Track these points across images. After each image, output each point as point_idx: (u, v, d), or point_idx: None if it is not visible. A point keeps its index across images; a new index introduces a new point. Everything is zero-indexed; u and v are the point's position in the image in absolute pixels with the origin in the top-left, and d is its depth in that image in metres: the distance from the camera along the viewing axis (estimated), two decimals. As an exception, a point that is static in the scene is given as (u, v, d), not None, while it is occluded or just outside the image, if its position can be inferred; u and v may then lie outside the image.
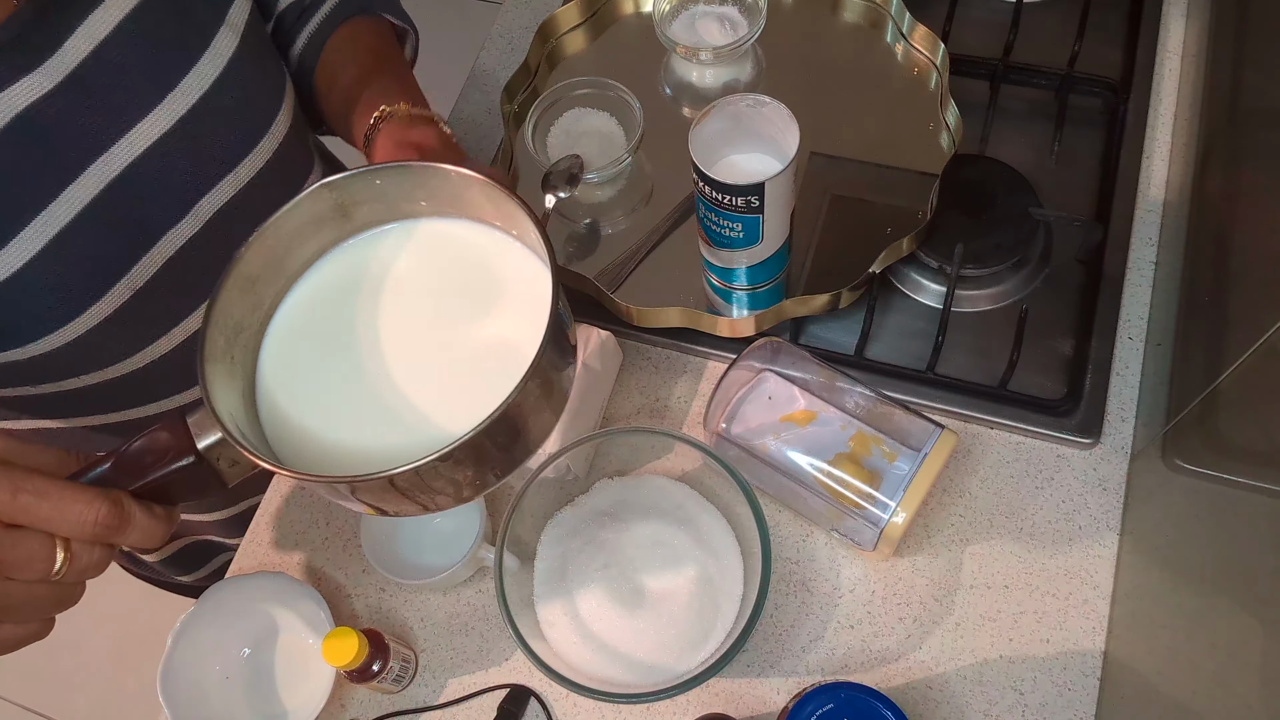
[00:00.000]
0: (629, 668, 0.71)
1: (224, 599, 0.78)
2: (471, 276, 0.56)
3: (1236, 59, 0.81)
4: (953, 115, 0.86)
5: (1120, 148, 0.87)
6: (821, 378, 0.75)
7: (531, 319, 0.51)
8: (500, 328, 0.54)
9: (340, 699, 0.78)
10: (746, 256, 0.79)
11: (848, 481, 0.71)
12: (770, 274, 0.82)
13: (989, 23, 0.95)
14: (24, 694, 1.83)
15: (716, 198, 0.73)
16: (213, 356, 0.51)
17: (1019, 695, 0.72)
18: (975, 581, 0.75)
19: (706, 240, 0.79)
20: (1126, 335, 0.82)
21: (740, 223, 0.75)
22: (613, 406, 0.85)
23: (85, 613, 1.97)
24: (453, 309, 0.56)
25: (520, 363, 0.48)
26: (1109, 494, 0.77)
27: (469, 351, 0.54)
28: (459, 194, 0.56)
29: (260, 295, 0.55)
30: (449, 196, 0.56)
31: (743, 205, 0.73)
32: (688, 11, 0.95)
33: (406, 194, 0.56)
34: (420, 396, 0.53)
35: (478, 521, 0.77)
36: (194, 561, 1.03)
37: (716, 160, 0.77)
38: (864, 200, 0.87)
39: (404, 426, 0.52)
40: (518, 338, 0.52)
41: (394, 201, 0.57)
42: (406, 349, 0.55)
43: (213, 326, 0.51)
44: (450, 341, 0.55)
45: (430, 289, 0.57)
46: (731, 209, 0.73)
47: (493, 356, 0.53)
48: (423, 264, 0.57)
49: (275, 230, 0.54)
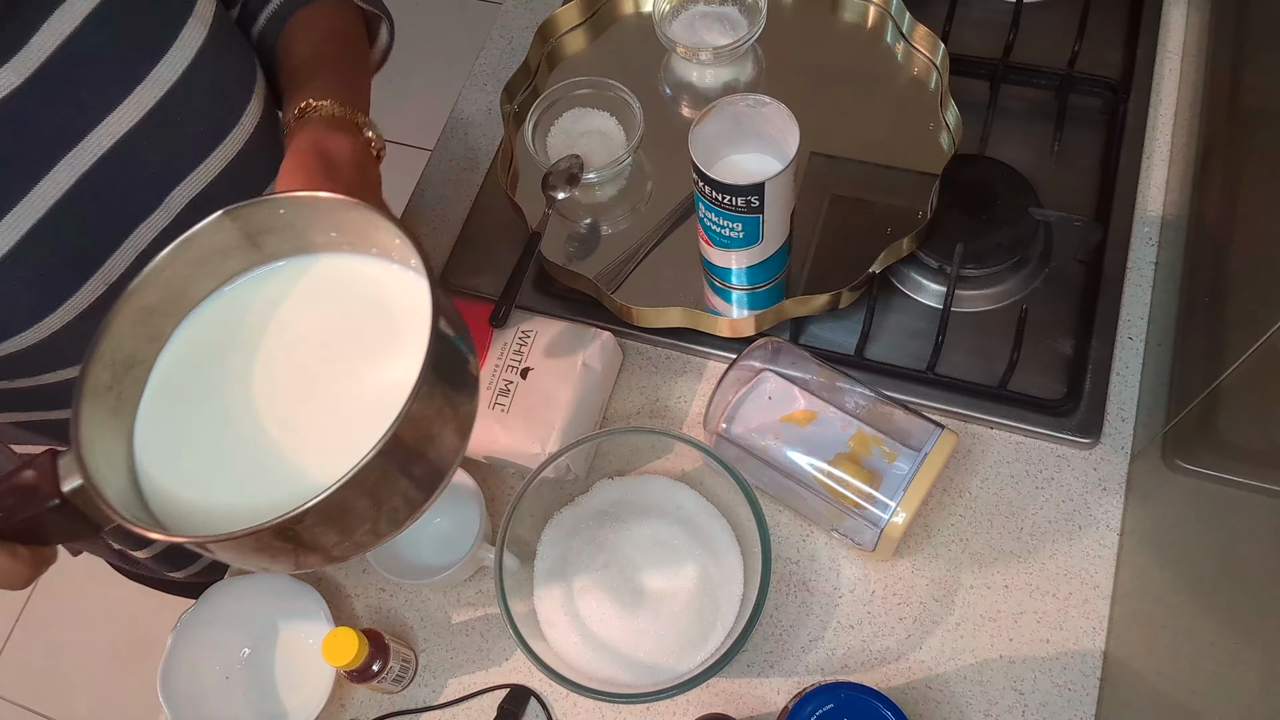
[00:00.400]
0: (629, 668, 0.71)
1: (224, 599, 0.78)
2: (366, 316, 0.52)
3: (1236, 59, 0.81)
4: (953, 115, 0.86)
5: (1120, 148, 0.87)
6: (821, 378, 0.75)
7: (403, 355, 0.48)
8: (393, 371, 0.50)
9: (340, 699, 0.78)
10: (747, 256, 0.79)
11: (848, 481, 0.71)
12: (770, 274, 0.82)
13: (989, 23, 0.95)
14: (24, 694, 1.83)
15: (716, 198, 0.73)
16: (93, 392, 0.48)
17: (1019, 695, 0.72)
18: (975, 581, 0.75)
19: (707, 240, 0.80)
20: (1126, 335, 0.82)
21: (740, 223, 0.75)
22: (613, 406, 0.85)
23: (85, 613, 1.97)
24: (342, 351, 0.52)
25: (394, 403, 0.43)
26: (1109, 494, 0.77)
27: (356, 397, 0.50)
28: (359, 226, 0.51)
29: (158, 327, 0.52)
30: (354, 228, 0.52)
31: (743, 205, 0.73)
32: (688, 11, 0.95)
33: (314, 224, 0.52)
34: (298, 447, 0.49)
35: (478, 521, 0.77)
36: (184, 556, 1.03)
37: (717, 160, 0.77)
38: (864, 200, 0.87)
39: (279, 481, 0.48)
40: (409, 380, 0.45)
41: (302, 232, 0.53)
42: (288, 395, 0.51)
43: (96, 361, 0.48)
44: (336, 386, 0.51)
45: (319, 330, 0.53)
46: (732, 209, 0.73)
47: (382, 402, 0.47)
48: (313, 303, 0.53)
49: (173, 259, 0.51)
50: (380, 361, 0.51)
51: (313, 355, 0.52)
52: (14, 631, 1.88)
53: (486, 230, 0.93)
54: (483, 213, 0.94)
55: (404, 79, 2.30)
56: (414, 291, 0.51)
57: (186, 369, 0.53)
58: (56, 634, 1.86)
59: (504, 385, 0.79)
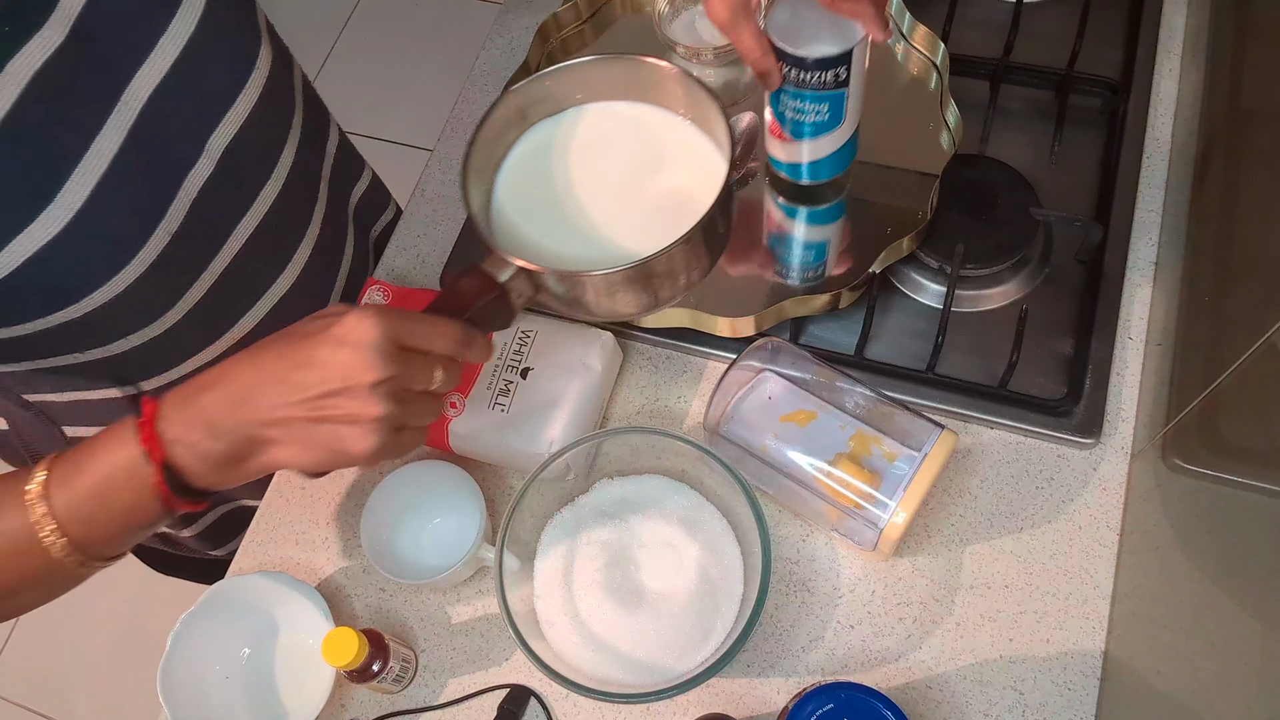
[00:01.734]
0: (629, 668, 0.71)
1: (224, 599, 0.78)
2: (645, 142, 0.70)
3: (1236, 59, 0.81)
4: (953, 115, 0.86)
5: (1120, 148, 0.87)
6: (821, 378, 0.75)
7: (702, 178, 0.67)
8: (677, 181, 0.68)
9: (340, 699, 0.78)
10: (827, 143, 0.79)
11: (848, 481, 0.71)
12: (844, 164, 0.82)
13: (989, 23, 0.95)
14: (24, 694, 1.83)
15: (803, 78, 0.73)
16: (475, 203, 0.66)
17: (1019, 695, 0.72)
18: (975, 581, 0.75)
19: (782, 136, 0.79)
20: (1126, 335, 0.82)
21: (826, 102, 0.74)
22: (613, 406, 0.85)
23: (85, 613, 1.97)
24: (636, 165, 0.69)
25: (694, 209, 0.62)
26: (1109, 494, 0.77)
27: (651, 196, 0.68)
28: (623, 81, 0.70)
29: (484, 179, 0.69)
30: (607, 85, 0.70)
31: (830, 81, 0.72)
32: (688, 11, 0.95)
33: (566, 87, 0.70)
34: (614, 228, 0.67)
35: (478, 521, 0.77)
36: (226, 533, 1.04)
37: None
38: (864, 200, 0.87)
39: (601, 248, 0.67)
40: (692, 189, 0.67)
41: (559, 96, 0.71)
42: (603, 191, 0.69)
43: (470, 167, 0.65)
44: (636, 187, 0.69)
45: (616, 149, 0.70)
46: (819, 87, 0.73)
47: (670, 201, 0.67)
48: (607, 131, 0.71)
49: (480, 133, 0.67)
50: (667, 174, 0.69)
51: (619, 164, 0.70)
52: (14, 631, 1.88)
53: (486, 230, 0.93)
54: (483, 213, 0.94)
55: (404, 79, 2.30)
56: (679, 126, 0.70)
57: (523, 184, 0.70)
58: (56, 634, 1.86)
59: (504, 385, 0.79)
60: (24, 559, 0.56)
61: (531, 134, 0.71)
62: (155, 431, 0.55)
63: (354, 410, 0.54)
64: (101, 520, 0.56)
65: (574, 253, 0.67)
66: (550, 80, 0.69)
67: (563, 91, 0.70)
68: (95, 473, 0.55)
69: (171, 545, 1.05)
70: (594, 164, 0.70)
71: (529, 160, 0.70)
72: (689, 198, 0.66)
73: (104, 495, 0.55)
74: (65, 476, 0.56)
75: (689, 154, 0.69)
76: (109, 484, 0.55)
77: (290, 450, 0.55)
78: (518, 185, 0.69)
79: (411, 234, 0.97)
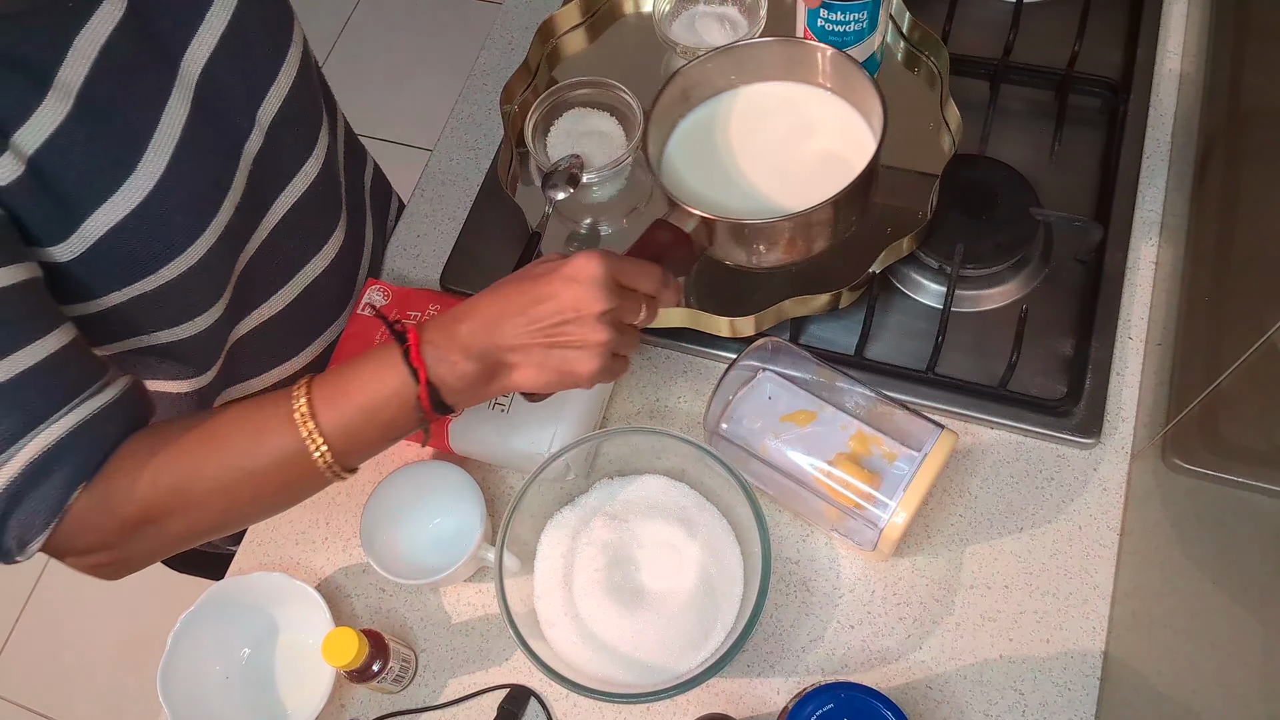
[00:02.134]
0: (629, 668, 0.71)
1: (224, 599, 0.78)
2: (796, 114, 0.80)
3: (1236, 59, 0.81)
4: (953, 115, 0.85)
5: (1120, 148, 0.87)
6: (821, 378, 0.75)
7: (849, 143, 0.78)
8: (826, 146, 0.79)
9: (340, 699, 0.78)
10: (860, 52, 0.83)
11: (848, 481, 0.71)
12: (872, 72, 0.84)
13: (989, 23, 0.95)
14: (24, 694, 1.83)
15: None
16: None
17: (1019, 695, 0.72)
18: (975, 581, 0.75)
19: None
20: (1126, 335, 0.82)
21: (864, 10, 0.80)
22: (613, 406, 0.85)
23: (85, 613, 1.97)
24: (789, 134, 0.79)
25: (844, 169, 0.73)
26: (1109, 494, 0.77)
27: (804, 159, 0.78)
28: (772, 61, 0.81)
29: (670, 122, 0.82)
30: (756, 66, 0.81)
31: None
32: (688, 11, 0.95)
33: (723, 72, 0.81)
34: (773, 187, 0.78)
35: (478, 521, 0.77)
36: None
37: None
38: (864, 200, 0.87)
39: (763, 205, 0.77)
40: (841, 152, 0.78)
41: (715, 79, 0.81)
42: (761, 157, 0.79)
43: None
44: (791, 153, 0.79)
45: (772, 122, 0.80)
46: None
47: (821, 163, 0.78)
48: (762, 106, 0.81)
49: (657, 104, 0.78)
50: (810, 141, 0.79)
51: (778, 133, 0.80)
52: (14, 631, 1.88)
53: (486, 230, 0.93)
54: (483, 213, 0.94)
55: (404, 79, 2.30)
56: (825, 99, 0.80)
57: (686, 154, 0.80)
58: (56, 634, 1.86)
59: (504, 385, 0.79)
60: (290, 469, 0.63)
61: (694, 113, 0.82)
62: (421, 355, 0.62)
63: (583, 336, 0.62)
64: (366, 434, 0.64)
65: (740, 208, 0.78)
66: (710, 63, 0.79)
67: (719, 73, 0.80)
68: (364, 392, 0.63)
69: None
70: (752, 134, 0.80)
71: (695, 133, 0.81)
72: (838, 159, 0.77)
73: (372, 411, 0.63)
74: (329, 397, 0.63)
75: (836, 122, 0.79)
76: (377, 401, 0.63)
77: (528, 372, 0.63)
78: (686, 155, 0.80)
79: (411, 234, 0.97)
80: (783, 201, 0.77)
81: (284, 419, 0.63)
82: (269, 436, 0.63)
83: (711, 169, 0.79)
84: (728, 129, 0.81)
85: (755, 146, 0.80)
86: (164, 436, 0.64)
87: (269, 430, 0.63)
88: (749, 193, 0.78)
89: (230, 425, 0.64)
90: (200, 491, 0.63)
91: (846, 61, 0.77)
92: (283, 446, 0.63)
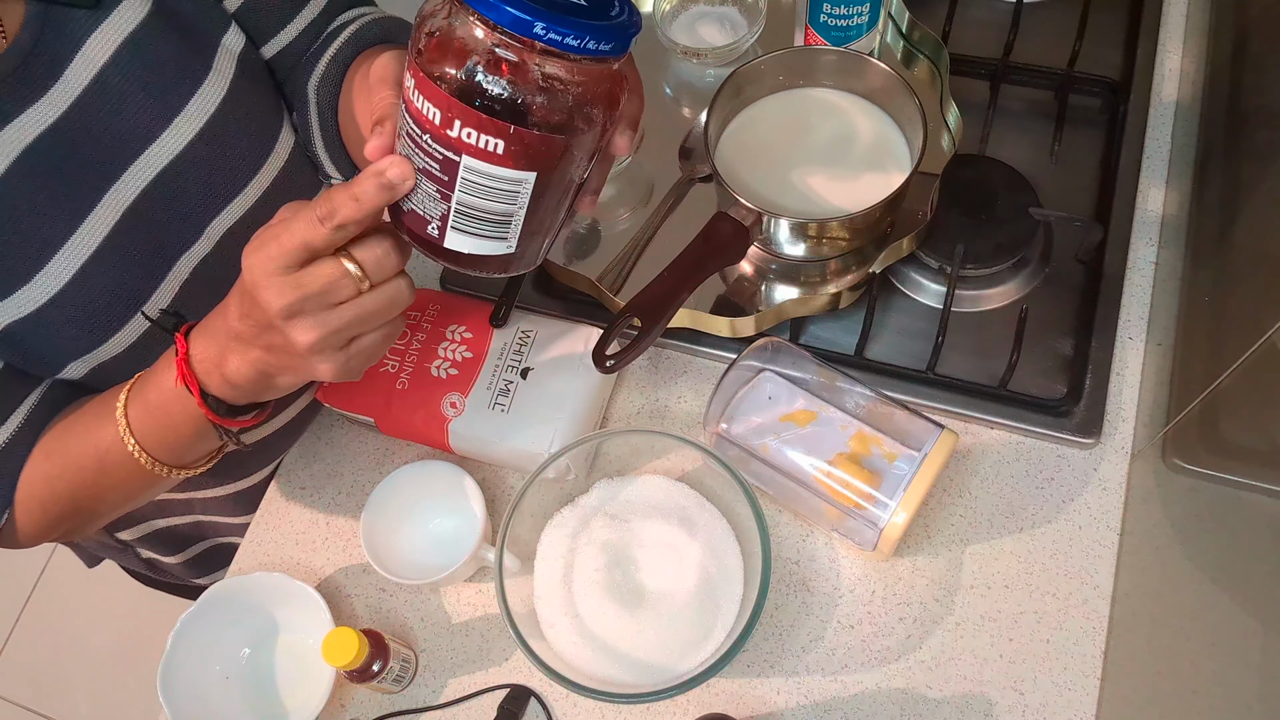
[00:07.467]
0: (629, 668, 0.71)
1: (224, 599, 0.78)
2: (840, 121, 0.83)
3: (1236, 58, 0.81)
4: (953, 115, 0.85)
5: (1120, 148, 0.87)
6: (821, 378, 0.75)
7: (885, 151, 0.81)
8: (866, 153, 0.81)
9: (340, 699, 0.78)
10: (864, 44, 0.84)
11: (848, 481, 0.71)
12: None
13: (989, 23, 0.95)
14: (24, 694, 1.83)
15: None
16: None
17: (1019, 695, 0.72)
18: (975, 581, 0.75)
19: (823, 45, 0.84)
20: (1126, 335, 0.82)
21: (866, 3, 0.81)
22: (613, 406, 0.85)
23: (85, 613, 1.96)
24: (833, 139, 0.82)
25: (885, 181, 0.79)
26: (1109, 494, 0.77)
27: (849, 164, 0.81)
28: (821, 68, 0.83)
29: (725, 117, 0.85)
30: (805, 69, 0.83)
31: None
32: (688, 12, 0.95)
33: (767, 74, 0.84)
34: (818, 187, 0.80)
35: (478, 521, 0.77)
36: (214, 563, 1.03)
37: None
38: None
39: (813, 204, 0.80)
40: (883, 162, 0.80)
41: (758, 81, 0.84)
42: (806, 158, 0.82)
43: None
44: (833, 157, 0.82)
45: (818, 125, 0.83)
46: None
47: (862, 168, 0.81)
48: (808, 110, 0.84)
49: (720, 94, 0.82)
50: (851, 148, 0.82)
51: (813, 139, 0.82)
52: (14, 631, 1.88)
53: (486, 230, 0.93)
54: (483, 213, 0.94)
55: (404, 79, 2.30)
56: (867, 109, 0.83)
57: (736, 151, 0.83)
58: (56, 634, 1.86)
59: (504, 385, 0.79)
60: (124, 465, 0.63)
61: (746, 111, 0.85)
62: (190, 366, 0.59)
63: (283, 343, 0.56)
64: (167, 437, 0.62)
65: (789, 205, 0.80)
66: (763, 64, 0.82)
67: (770, 73, 0.83)
68: (157, 390, 0.61)
69: (157, 572, 1.04)
70: (799, 136, 0.83)
71: (744, 132, 0.84)
72: (878, 167, 0.80)
73: (164, 413, 0.61)
74: (138, 392, 0.62)
75: (875, 130, 0.82)
76: (167, 403, 0.61)
77: (287, 378, 0.59)
78: (735, 153, 0.83)
79: (411, 234, 0.97)
80: (833, 201, 0.79)
81: (110, 409, 0.63)
82: (105, 428, 0.63)
83: (758, 168, 0.82)
84: (775, 129, 0.83)
85: (800, 148, 0.82)
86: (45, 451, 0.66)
87: (106, 421, 0.63)
88: (795, 192, 0.81)
89: (75, 427, 0.65)
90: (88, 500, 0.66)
91: (888, 73, 0.80)
92: (108, 439, 0.63)
